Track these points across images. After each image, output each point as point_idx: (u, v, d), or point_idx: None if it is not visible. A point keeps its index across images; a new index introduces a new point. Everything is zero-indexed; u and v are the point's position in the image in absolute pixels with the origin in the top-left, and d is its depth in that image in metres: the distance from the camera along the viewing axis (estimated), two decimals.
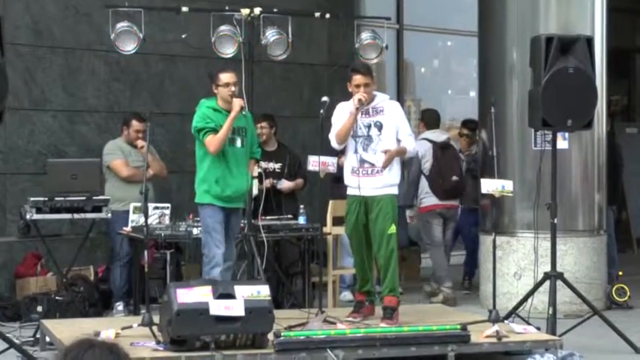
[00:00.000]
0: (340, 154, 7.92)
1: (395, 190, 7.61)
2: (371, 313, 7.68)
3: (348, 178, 7.59)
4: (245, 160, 7.83)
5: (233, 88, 7.67)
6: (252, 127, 7.99)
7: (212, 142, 7.58)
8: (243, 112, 7.63)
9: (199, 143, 7.73)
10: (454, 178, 9.88)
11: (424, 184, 9.93)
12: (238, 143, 7.74)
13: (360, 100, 7.44)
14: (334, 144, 7.64)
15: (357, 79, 7.51)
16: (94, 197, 8.45)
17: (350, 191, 7.62)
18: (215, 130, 7.59)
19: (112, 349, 2.94)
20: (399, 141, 7.56)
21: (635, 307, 9.48)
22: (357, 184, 7.46)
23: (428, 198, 9.93)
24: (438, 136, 10.04)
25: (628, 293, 9.50)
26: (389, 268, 7.51)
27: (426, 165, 9.88)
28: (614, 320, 7.81)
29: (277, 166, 9.64)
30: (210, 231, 7.65)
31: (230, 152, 7.71)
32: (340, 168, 7.86)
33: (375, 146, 7.51)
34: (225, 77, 7.71)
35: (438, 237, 10.00)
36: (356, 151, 7.53)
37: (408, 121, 7.87)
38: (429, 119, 10.30)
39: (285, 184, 9.55)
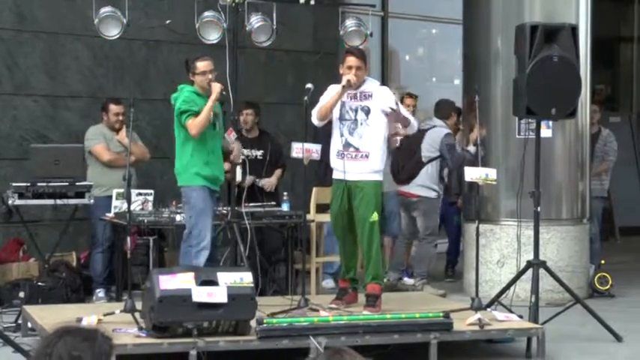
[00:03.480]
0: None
1: (379, 177, 7.61)
2: (354, 300, 7.68)
3: (334, 161, 7.60)
4: (220, 143, 7.87)
5: (210, 76, 7.66)
6: (220, 112, 7.96)
7: (193, 124, 7.57)
8: (224, 93, 7.64)
9: (180, 126, 7.70)
10: (397, 161, 9.63)
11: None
12: (217, 127, 7.75)
13: (348, 80, 7.46)
14: (314, 119, 7.65)
15: (351, 60, 7.54)
16: (77, 183, 8.41)
17: (335, 175, 7.62)
18: (197, 114, 7.58)
19: (88, 336, 2.92)
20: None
21: (617, 296, 9.52)
22: (343, 168, 7.47)
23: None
24: (426, 123, 9.88)
25: (610, 282, 9.53)
26: (371, 255, 7.52)
27: None
28: (596, 309, 7.83)
29: (259, 153, 9.62)
30: (203, 214, 7.62)
31: (210, 135, 7.71)
32: (325, 155, 7.84)
33: (361, 131, 7.51)
34: (202, 65, 7.69)
35: (402, 228, 9.92)
36: (342, 134, 7.53)
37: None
38: (436, 110, 9.98)
39: (265, 182, 9.50)
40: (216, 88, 7.61)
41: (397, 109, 7.51)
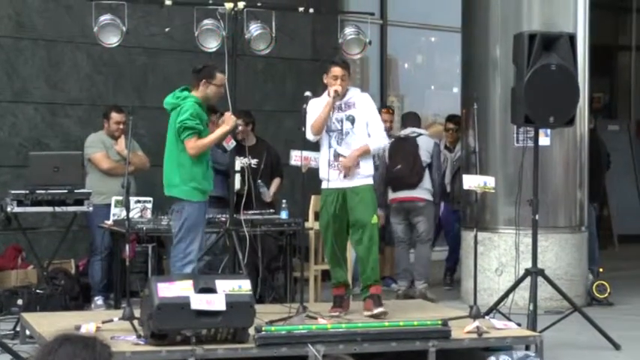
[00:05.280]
0: None
1: (371, 181, 7.73)
2: (348, 307, 7.71)
3: (325, 172, 7.62)
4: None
5: (223, 90, 7.63)
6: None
7: (196, 146, 7.39)
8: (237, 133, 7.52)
9: (178, 138, 7.50)
10: (397, 167, 9.74)
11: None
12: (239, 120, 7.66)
13: (336, 90, 7.53)
14: (310, 135, 7.67)
15: (336, 70, 7.62)
16: (76, 190, 8.43)
17: (325, 184, 7.65)
18: (200, 133, 7.44)
19: (88, 344, 2.93)
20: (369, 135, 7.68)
21: (616, 304, 9.53)
22: (336, 177, 7.52)
23: (389, 193, 9.92)
24: (406, 132, 9.99)
25: (608, 290, 9.54)
26: (369, 258, 7.58)
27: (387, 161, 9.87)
28: (594, 317, 7.84)
29: (254, 161, 9.56)
30: (194, 229, 7.54)
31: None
32: None
33: (349, 139, 7.61)
34: (222, 78, 7.58)
35: (398, 234, 9.92)
36: (330, 146, 7.60)
37: (378, 113, 7.98)
38: (406, 119, 10.32)
39: (267, 196, 9.49)
40: (232, 122, 7.52)
41: (350, 156, 7.56)
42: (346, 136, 7.60)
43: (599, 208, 11.32)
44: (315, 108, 7.65)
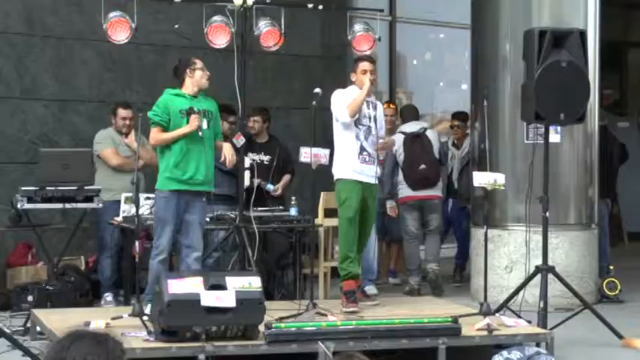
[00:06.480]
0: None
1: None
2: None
3: (353, 163, 7.78)
4: (209, 143, 7.70)
5: (208, 71, 7.68)
6: (217, 112, 7.88)
7: (154, 137, 7.61)
8: (199, 133, 7.56)
9: None
10: (422, 166, 9.81)
11: (400, 176, 9.95)
12: (204, 125, 7.64)
13: (373, 79, 7.87)
14: (344, 115, 7.77)
15: (364, 65, 7.93)
16: (86, 187, 8.44)
17: (353, 176, 7.82)
18: (162, 126, 7.53)
19: (100, 340, 2.93)
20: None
21: (626, 301, 9.50)
22: (366, 171, 7.82)
23: (402, 190, 9.95)
24: (412, 127, 10.06)
25: (619, 287, 9.51)
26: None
27: (400, 157, 9.90)
28: (604, 314, 7.81)
29: (266, 158, 9.61)
30: (162, 222, 7.54)
31: (188, 136, 7.61)
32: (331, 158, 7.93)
33: (372, 138, 7.86)
34: (199, 61, 7.70)
35: (411, 230, 9.95)
36: (358, 138, 7.83)
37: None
38: (406, 113, 10.39)
39: (277, 191, 9.50)
40: (194, 124, 7.51)
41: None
42: (371, 135, 7.85)
43: (611, 205, 11.27)
44: (344, 95, 7.86)
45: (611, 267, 9.81)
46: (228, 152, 7.75)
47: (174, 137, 7.56)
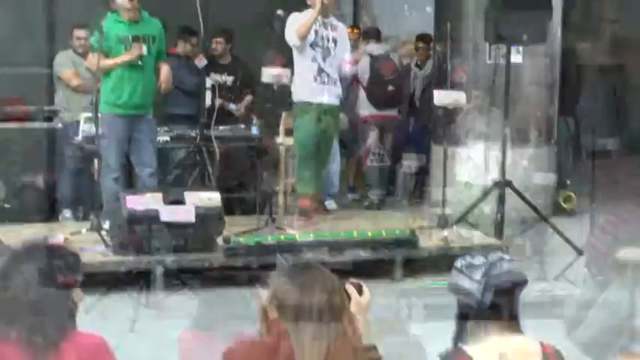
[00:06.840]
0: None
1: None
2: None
3: (310, 85, 7.76)
4: (148, 67, 7.68)
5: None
6: (160, 33, 7.82)
7: (91, 63, 7.58)
8: (139, 62, 7.52)
9: None
10: (390, 88, 9.89)
11: (362, 95, 9.99)
12: (144, 51, 7.60)
13: (323, 1, 7.72)
14: (293, 38, 7.75)
15: None
16: (45, 107, 8.40)
17: (310, 98, 7.79)
18: (102, 52, 7.46)
19: (55, 252, 2.95)
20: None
21: (579, 213, 9.57)
22: (323, 92, 7.77)
23: (365, 108, 9.99)
24: (377, 49, 10.08)
25: (574, 200, 9.59)
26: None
27: (365, 76, 9.93)
28: (559, 226, 7.91)
29: (230, 79, 9.63)
30: (107, 144, 7.54)
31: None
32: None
33: (331, 60, 7.84)
34: None
35: (373, 149, 10.05)
36: (314, 60, 7.79)
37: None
38: (370, 34, 10.42)
39: (239, 110, 9.53)
40: (135, 53, 7.50)
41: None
42: (329, 56, 7.82)
43: (575, 123, 11.32)
44: (297, 19, 7.80)
45: (568, 182, 9.89)
46: (164, 77, 7.72)
47: (111, 66, 7.54)
